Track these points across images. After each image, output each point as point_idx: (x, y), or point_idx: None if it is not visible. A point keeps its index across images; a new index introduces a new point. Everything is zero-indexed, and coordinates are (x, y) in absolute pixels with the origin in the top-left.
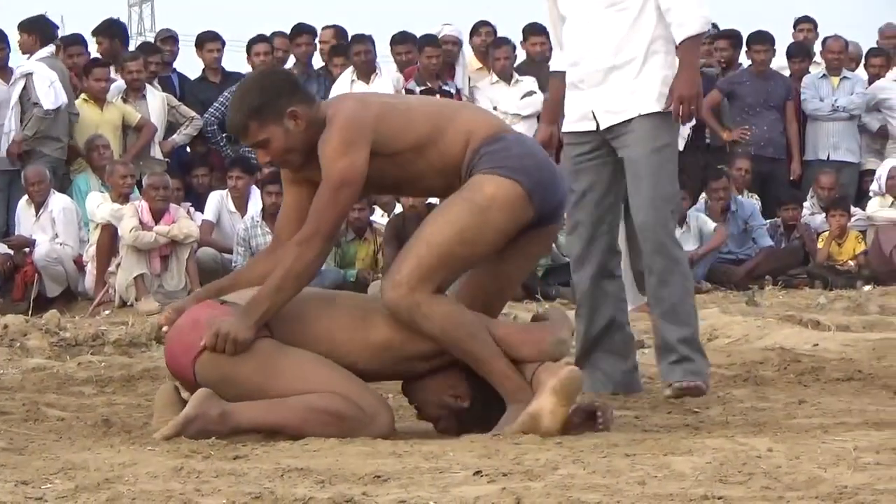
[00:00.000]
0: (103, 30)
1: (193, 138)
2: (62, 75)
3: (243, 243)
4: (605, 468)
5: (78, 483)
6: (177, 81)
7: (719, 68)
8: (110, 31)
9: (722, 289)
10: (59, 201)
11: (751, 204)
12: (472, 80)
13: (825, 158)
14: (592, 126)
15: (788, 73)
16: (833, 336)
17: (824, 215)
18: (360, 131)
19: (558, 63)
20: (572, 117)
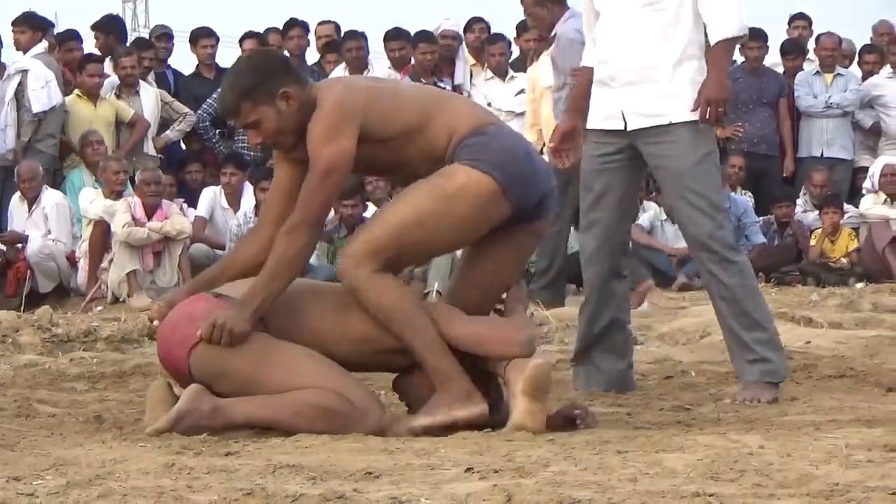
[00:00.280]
0: (102, 25)
1: (188, 135)
2: (56, 73)
3: (236, 239)
4: (596, 465)
5: (69, 479)
6: (171, 77)
7: None
8: (108, 26)
9: None
10: (52, 197)
11: (744, 201)
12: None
13: (819, 155)
14: (620, 125)
15: (782, 69)
16: (825, 333)
17: (817, 212)
18: (347, 116)
19: (589, 58)
20: (599, 115)
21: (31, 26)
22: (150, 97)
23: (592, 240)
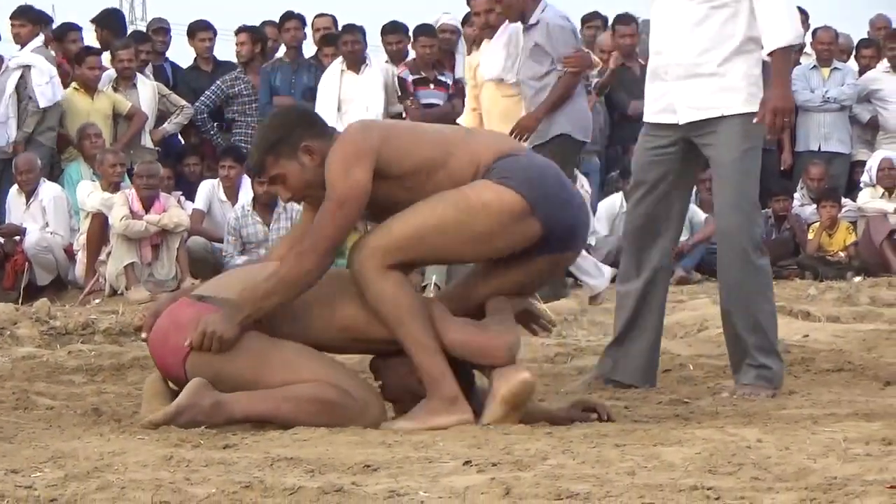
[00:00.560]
0: (101, 19)
1: (186, 128)
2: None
3: (234, 232)
4: (594, 458)
5: (67, 472)
6: (170, 70)
7: None
8: (108, 20)
9: (713, 279)
10: (50, 190)
11: None
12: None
13: (816, 149)
14: (673, 119)
15: None
16: (823, 327)
17: (815, 206)
18: (360, 150)
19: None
20: (653, 108)
21: (31, 20)
22: (147, 90)
23: (643, 232)
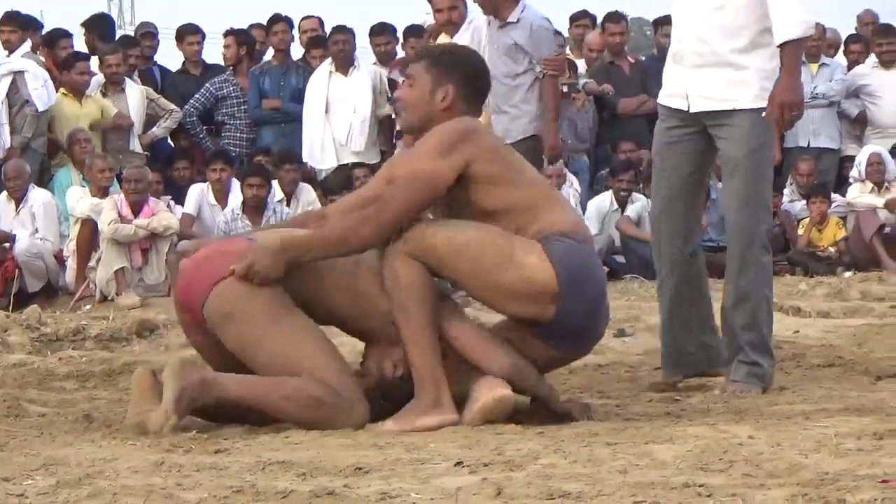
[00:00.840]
0: (91, 23)
1: (175, 131)
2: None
3: (224, 236)
4: (586, 457)
5: (59, 479)
6: (158, 74)
7: None
8: (97, 24)
9: (712, 277)
10: (39, 196)
11: None
12: None
13: (805, 145)
14: (684, 106)
15: None
16: (814, 322)
17: (804, 202)
18: (460, 143)
19: None
20: (667, 90)
21: (20, 25)
22: (135, 94)
23: (666, 217)
